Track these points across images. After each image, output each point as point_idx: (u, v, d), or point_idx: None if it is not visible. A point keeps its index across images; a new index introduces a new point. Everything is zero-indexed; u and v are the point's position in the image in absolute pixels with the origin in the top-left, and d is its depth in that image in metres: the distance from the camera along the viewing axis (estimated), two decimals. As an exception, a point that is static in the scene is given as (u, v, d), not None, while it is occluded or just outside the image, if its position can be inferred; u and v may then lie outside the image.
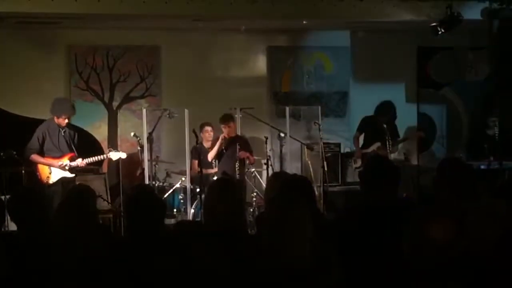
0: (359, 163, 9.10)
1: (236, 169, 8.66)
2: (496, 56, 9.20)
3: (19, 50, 9.58)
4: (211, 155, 8.83)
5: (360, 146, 9.42)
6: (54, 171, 7.95)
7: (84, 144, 8.47)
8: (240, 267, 3.03)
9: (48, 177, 7.89)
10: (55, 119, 8.03)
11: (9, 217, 4.22)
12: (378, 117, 8.95)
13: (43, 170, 7.91)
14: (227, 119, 8.82)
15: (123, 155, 8.30)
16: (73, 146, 8.07)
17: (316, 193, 8.90)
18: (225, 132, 8.79)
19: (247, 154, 8.84)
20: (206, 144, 9.20)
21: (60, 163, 7.94)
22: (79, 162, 8.01)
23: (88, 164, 8.14)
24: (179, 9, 8.42)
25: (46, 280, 3.57)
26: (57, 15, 8.45)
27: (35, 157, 7.89)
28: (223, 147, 8.76)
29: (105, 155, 8.32)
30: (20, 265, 3.57)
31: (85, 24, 9.41)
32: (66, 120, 8.05)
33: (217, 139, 8.84)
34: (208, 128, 9.28)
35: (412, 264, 2.74)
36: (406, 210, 3.56)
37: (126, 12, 8.35)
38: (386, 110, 8.92)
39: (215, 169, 9.06)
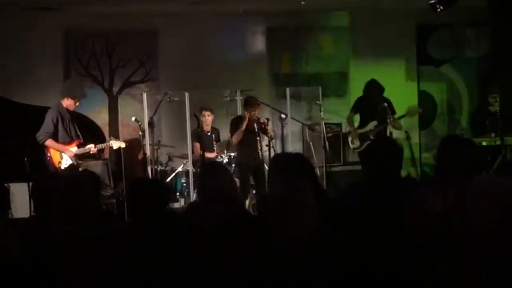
0: (356, 143, 9.10)
1: (259, 149, 8.51)
2: (495, 32, 9.17)
3: (17, 36, 9.54)
4: (236, 138, 8.55)
5: (356, 126, 9.40)
6: (65, 157, 7.85)
7: (86, 130, 8.46)
8: (244, 247, 3.04)
9: (60, 162, 7.80)
10: (65, 103, 7.89)
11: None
12: (372, 97, 8.96)
13: (55, 155, 7.81)
14: (255, 103, 8.59)
15: (123, 145, 8.26)
16: (79, 133, 8.02)
17: (318, 173, 9.00)
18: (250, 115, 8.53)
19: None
20: (206, 128, 9.22)
21: (73, 149, 7.85)
22: (91, 148, 7.95)
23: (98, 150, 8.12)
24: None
25: (54, 266, 3.59)
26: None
27: (50, 142, 7.74)
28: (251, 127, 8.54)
29: (106, 143, 8.25)
30: (32, 252, 3.58)
31: (82, 9, 9.38)
32: (78, 104, 7.98)
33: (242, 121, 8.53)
34: (207, 113, 9.29)
35: (412, 241, 2.75)
36: (407, 186, 3.58)
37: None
38: (373, 88, 8.93)
39: (215, 153, 9.07)
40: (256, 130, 8.48)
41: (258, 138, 8.48)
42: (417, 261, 2.67)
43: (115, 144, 8.20)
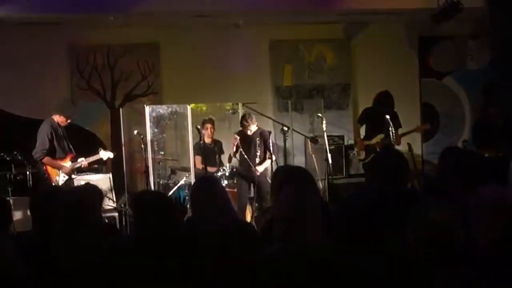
0: (362, 155, 9.06)
1: (257, 162, 8.56)
2: (497, 44, 9.18)
3: (20, 51, 9.58)
4: (233, 154, 8.74)
5: (362, 137, 9.37)
6: (62, 173, 7.85)
7: (87, 144, 8.45)
8: (246, 259, 3.02)
9: (57, 177, 7.84)
10: (56, 118, 7.87)
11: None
12: (378, 108, 8.90)
13: (52, 171, 7.84)
14: (242, 119, 8.72)
15: (111, 155, 8.25)
16: (71, 146, 8.01)
17: (321, 186, 8.99)
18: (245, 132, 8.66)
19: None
20: (207, 141, 9.23)
21: (67, 164, 7.84)
22: (83, 162, 7.95)
23: (89, 163, 8.10)
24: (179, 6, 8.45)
25: (55, 280, 3.58)
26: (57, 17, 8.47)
27: (46, 159, 7.70)
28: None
29: (98, 155, 8.21)
30: (32, 266, 3.57)
31: (85, 23, 9.42)
32: (68, 121, 7.98)
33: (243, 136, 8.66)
34: (209, 125, 9.31)
35: (415, 253, 2.74)
36: (410, 199, 3.57)
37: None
38: (384, 100, 8.86)
39: (216, 168, 9.08)
40: (258, 143, 8.50)
41: (258, 151, 8.49)
42: (419, 272, 2.66)
43: (105, 155, 8.18)
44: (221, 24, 9.93)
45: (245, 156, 8.49)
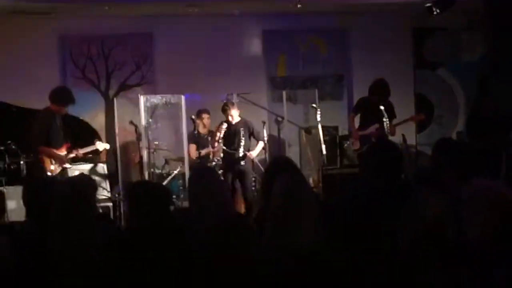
0: (357, 145, 9.05)
1: (240, 152, 8.55)
2: (491, 36, 9.20)
3: (13, 40, 9.55)
4: (212, 144, 8.72)
5: (356, 127, 9.36)
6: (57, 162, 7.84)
7: (82, 134, 8.45)
8: (243, 252, 3.04)
9: (52, 167, 7.81)
10: (53, 108, 7.75)
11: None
12: (373, 98, 8.88)
13: (47, 160, 7.80)
14: (224, 105, 8.74)
15: (107, 146, 8.31)
16: (67, 137, 7.98)
17: (316, 176, 9.00)
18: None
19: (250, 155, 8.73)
20: (203, 131, 9.22)
21: (63, 154, 7.83)
22: (78, 152, 7.94)
23: (84, 154, 8.08)
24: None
25: (49, 272, 3.58)
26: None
27: (43, 148, 7.63)
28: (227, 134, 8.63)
29: (94, 146, 8.21)
30: (25, 258, 3.57)
31: (78, 12, 9.38)
32: (66, 109, 7.93)
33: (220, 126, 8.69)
34: (205, 115, 9.29)
35: (407, 246, 2.75)
36: (403, 191, 3.58)
37: None
38: (380, 89, 8.82)
39: (210, 149, 9.00)
40: (242, 133, 8.50)
41: (242, 140, 8.50)
42: (410, 265, 2.66)
43: (101, 146, 8.19)
44: (215, 13, 9.90)
45: (227, 148, 8.50)
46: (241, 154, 8.55)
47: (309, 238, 2.94)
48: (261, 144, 8.63)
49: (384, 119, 8.35)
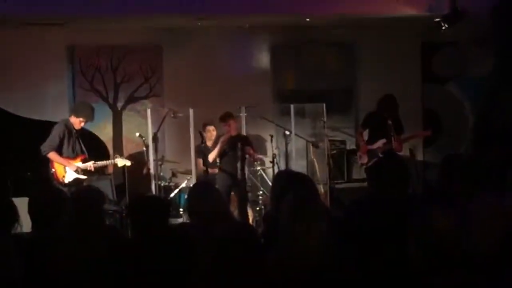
0: (365, 159, 9.04)
1: (238, 168, 8.56)
2: (500, 50, 9.18)
3: (22, 52, 9.59)
4: (211, 156, 8.65)
5: (364, 142, 9.35)
6: (69, 172, 7.88)
7: (91, 146, 8.46)
8: (250, 265, 3.02)
9: (64, 176, 7.85)
10: (72, 119, 7.98)
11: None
12: (381, 113, 8.88)
13: (59, 169, 7.85)
14: (226, 117, 8.73)
15: (128, 163, 8.32)
16: (84, 148, 8.08)
17: (322, 190, 8.98)
18: (226, 130, 8.68)
19: (251, 151, 8.76)
20: (209, 143, 9.21)
21: (77, 164, 7.91)
22: (89, 165, 7.99)
23: (95, 167, 8.13)
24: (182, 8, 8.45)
25: (56, 282, 3.58)
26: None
27: (53, 154, 7.76)
28: (225, 147, 8.65)
29: (112, 161, 8.31)
30: (32, 267, 3.57)
31: (87, 25, 9.42)
32: (83, 124, 8.04)
33: (218, 139, 8.73)
34: (211, 128, 9.29)
35: (416, 260, 2.73)
36: (411, 205, 3.56)
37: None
38: (388, 104, 8.83)
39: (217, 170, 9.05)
40: (239, 147, 8.49)
41: (239, 154, 8.49)
42: (420, 278, 2.65)
43: (120, 162, 8.24)
44: (224, 27, 9.93)
45: (231, 159, 8.51)
46: (239, 176, 8.52)
47: (319, 255, 2.92)
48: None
49: (391, 134, 8.35)
